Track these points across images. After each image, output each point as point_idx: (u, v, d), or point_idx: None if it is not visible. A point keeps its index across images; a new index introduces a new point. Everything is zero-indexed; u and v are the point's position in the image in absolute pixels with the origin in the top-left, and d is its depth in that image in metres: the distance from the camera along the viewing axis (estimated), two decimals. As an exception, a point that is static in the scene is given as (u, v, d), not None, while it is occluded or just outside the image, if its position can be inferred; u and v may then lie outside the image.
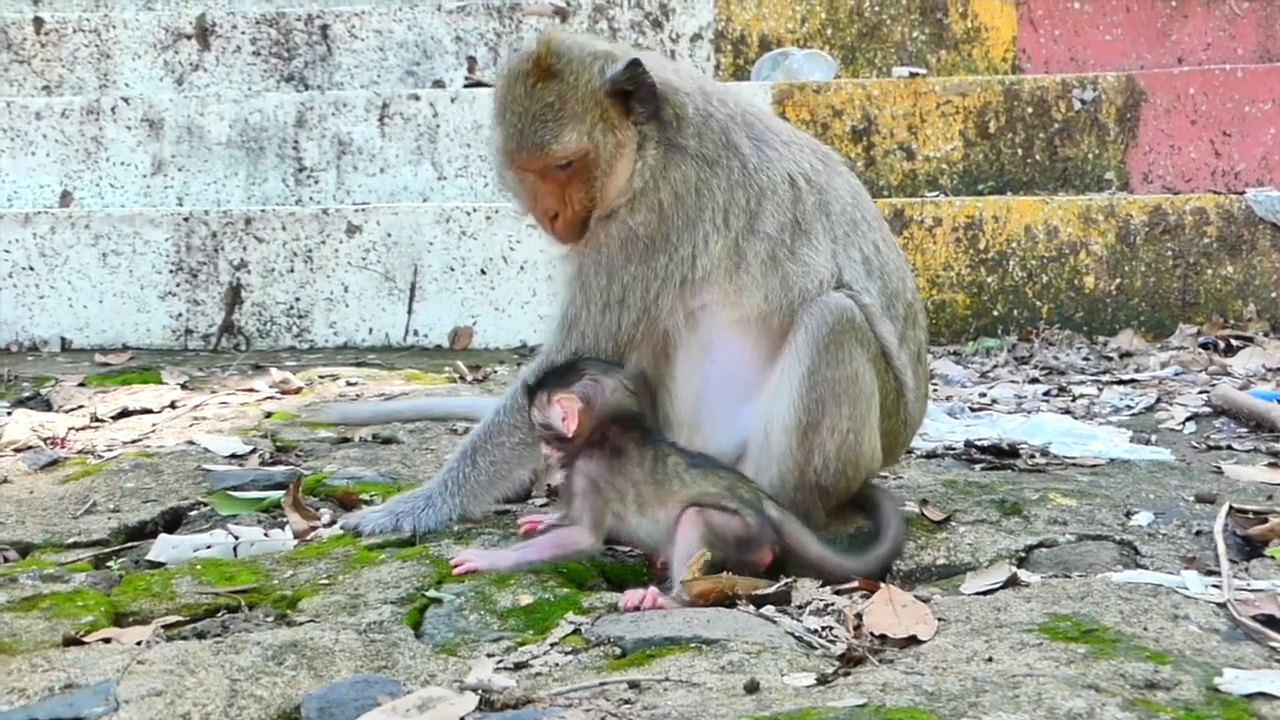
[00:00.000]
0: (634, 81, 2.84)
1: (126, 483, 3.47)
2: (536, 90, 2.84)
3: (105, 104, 6.84)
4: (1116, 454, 3.81)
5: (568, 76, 2.84)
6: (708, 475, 2.72)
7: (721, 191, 2.88)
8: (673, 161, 2.87)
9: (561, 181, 2.87)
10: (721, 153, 2.90)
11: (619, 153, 2.86)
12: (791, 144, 2.98)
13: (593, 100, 2.84)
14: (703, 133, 2.90)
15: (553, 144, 2.83)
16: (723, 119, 2.94)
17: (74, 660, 2.26)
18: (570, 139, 2.83)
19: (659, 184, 2.86)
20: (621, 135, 2.86)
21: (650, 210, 2.87)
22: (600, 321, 2.88)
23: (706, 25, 7.48)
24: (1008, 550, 2.87)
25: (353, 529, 3.00)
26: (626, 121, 2.87)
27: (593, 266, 2.90)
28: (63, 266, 6.03)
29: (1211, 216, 5.76)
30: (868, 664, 2.26)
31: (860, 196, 3.04)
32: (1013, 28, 7.38)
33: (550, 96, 2.83)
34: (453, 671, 2.28)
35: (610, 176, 2.86)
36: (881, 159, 6.59)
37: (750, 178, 2.90)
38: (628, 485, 2.73)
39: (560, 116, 2.83)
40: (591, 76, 2.84)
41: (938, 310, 5.80)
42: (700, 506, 2.67)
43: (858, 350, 2.81)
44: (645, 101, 2.86)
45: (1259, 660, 2.25)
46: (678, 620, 2.43)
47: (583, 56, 2.86)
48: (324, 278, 5.97)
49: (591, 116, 2.83)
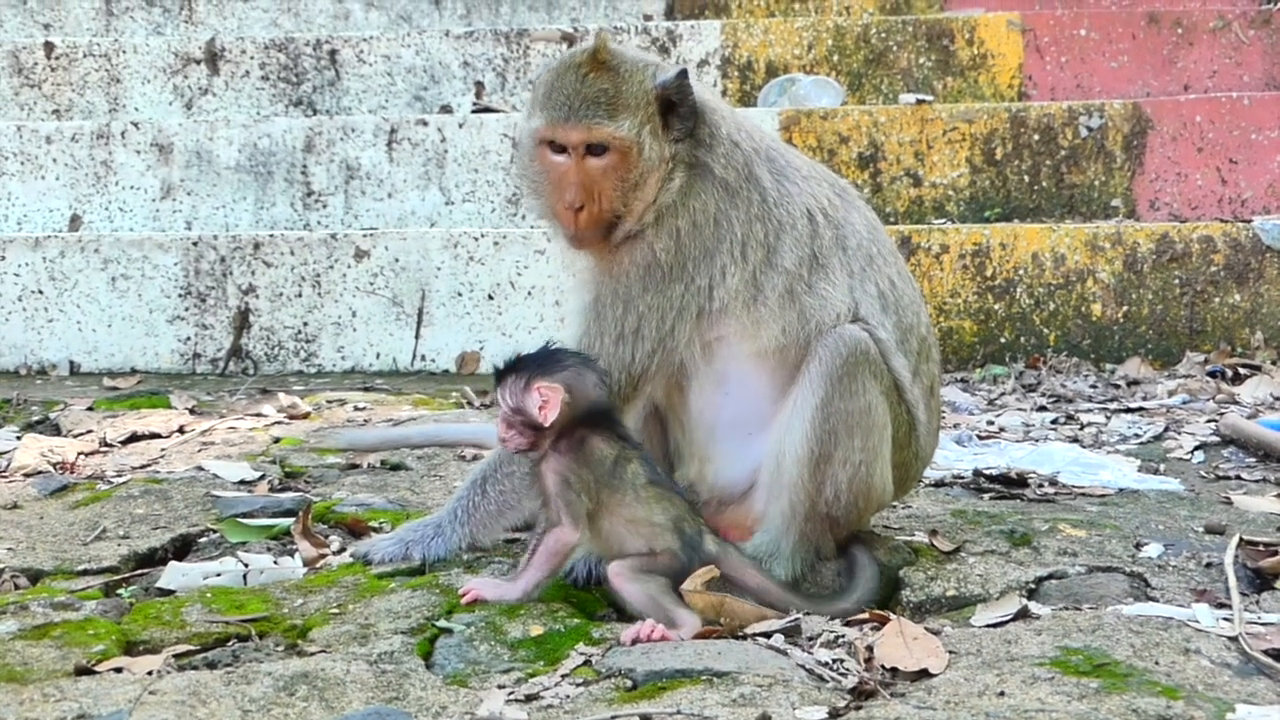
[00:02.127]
0: (680, 93, 2.86)
1: (136, 509, 3.47)
2: (590, 79, 2.85)
3: (115, 128, 6.87)
4: (1125, 484, 3.81)
5: (622, 72, 2.87)
6: (660, 500, 2.71)
7: (740, 224, 2.89)
8: (695, 188, 2.88)
9: (595, 172, 2.85)
10: (743, 184, 2.91)
11: (655, 163, 2.86)
12: (810, 178, 2.99)
13: (644, 99, 2.86)
14: (730, 159, 2.92)
15: (606, 122, 2.83)
16: (748, 150, 2.95)
17: (86, 690, 2.27)
18: (623, 125, 2.83)
19: (679, 210, 2.87)
20: (661, 146, 2.87)
21: (669, 237, 2.87)
22: (614, 353, 2.88)
23: (713, 51, 7.51)
24: (1018, 582, 2.87)
25: (363, 557, 3.00)
26: (666, 135, 2.87)
27: (609, 295, 2.89)
28: (72, 290, 6.04)
29: (1218, 244, 5.77)
30: (879, 697, 2.26)
31: (876, 231, 3.05)
32: (1019, 55, 7.40)
33: (605, 84, 2.85)
34: (464, 703, 2.28)
35: (642, 185, 2.86)
36: (888, 185, 6.60)
37: (769, 211, 2.91)
38: (590, 480, 2.71)
39: (615, 103, 2.84)
40: (645, 78, 2.87)
41: (945, 337, 5.80)
42: (618, 563, 2.69)
43: (871, 382, 2.81)
44: (685, 118, 2.87)
45: (1272, 696, 2.24)
46: (689, 652, 2.43)
47: (635, 59, 2.91)
48: (332, 302, 5.98)
49: (643, 114, 2.85)
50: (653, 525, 2.69)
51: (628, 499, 2.70)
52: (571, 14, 8.41)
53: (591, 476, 2.71)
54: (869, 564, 2.86)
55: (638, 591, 2.66)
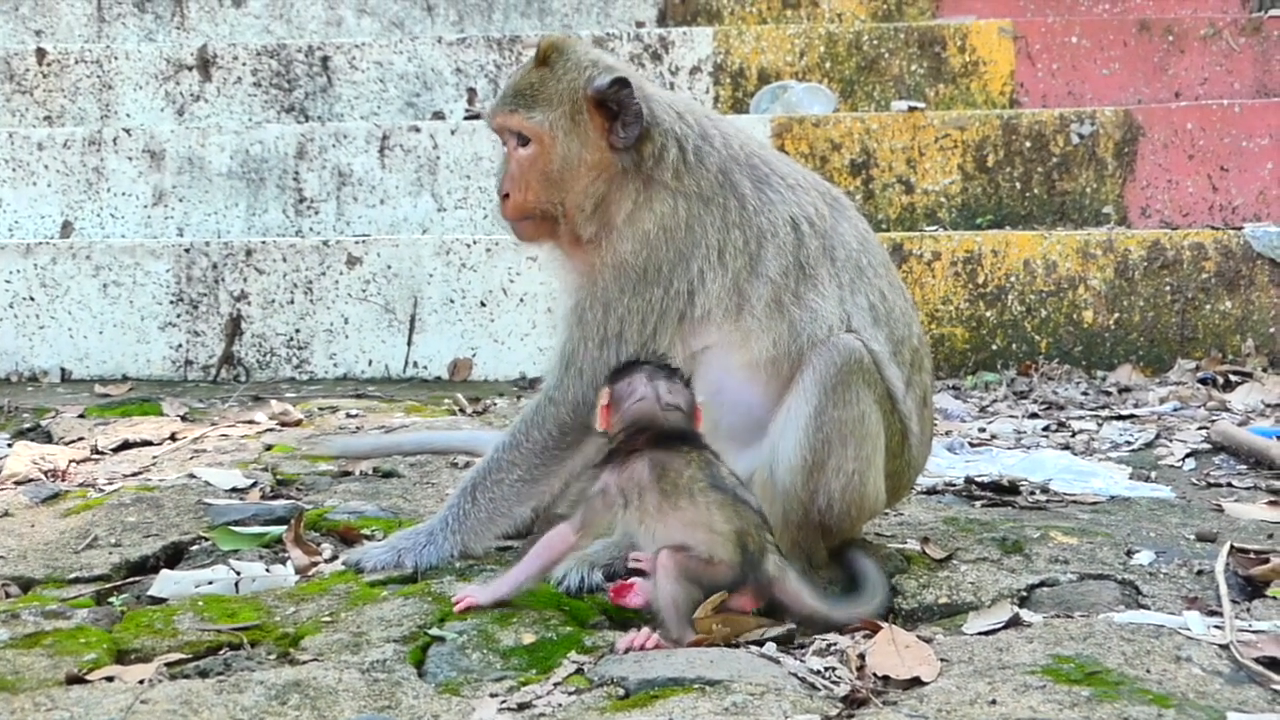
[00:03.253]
0: (617, 101, 2.87)
1: (128, 517, 3.47)
2: (529, 71, 2.97)
3: (107, 135, 6.86)
4: (1117, 491, 3.82)
5: (557, 69, 2.94)
6: (723, 507, 2.59)
7: (715, 230, 2.89)
8: (657, 196, 2.90)
9: (523, 162, 2.94)
10: (717, 191, 2.92)
11: (579, 165, 2.91)
12: (796, 187, 2.99)
13: (569, 97, 2.92)
14: (691, 172, 2.92)
15: (516, 111, 2.93)
16: (722, 159, 2.95)
17: (77, 699, 2.26)
18: (536, 116, 2.92)
19: (643, 215, 2.89)
20: (590, 150, 2.91)
21: (637, 241, 2.89)
22: (598, 357, 2.89)
23: (706, 58, 7.52)
24: (1009, 589, 2.87)
25: (354, 565, 3.00)
26: (602, 141, 2.90)
27: (589, 299, 2.91)
28: (63, 297, 6.03)
29: (1209, 251, 5.78)
30: (871, 705, 2.27)
31: (867, 241, 3.05)
32: (1011, 62, 7.42)
33: (536, 78, 2.95)
34: (456, 712, 2.28)
35: (563, 183, 2.91)
36: (880, 192, 6.61)
37: (749, 219, 2.91)
38: (634, 490, 2.63)
39: (537, 96, 2.93)
40: (577, 76, 2.93)
41: (937, 344, 5.81)
42: (673, 550, 2.57)
43: (865, 391, 2.81)
44: (628, 126, 2.88)
45: (1262, 704, 2.25)
46: (681, 661, 2.43)
47: (580, 59, 2.96)
48: (324, 309, 5.98)
49: (564, 110, 2.91)
50: (712, 532, 2.58)
51: (682, 503, 2.59)
52: (564, 20, 8.42)
53: (635, 487, 2.63)
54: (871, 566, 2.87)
55: (671, 590, 2.56)
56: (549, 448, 2.95)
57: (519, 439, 2.96)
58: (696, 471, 2.62)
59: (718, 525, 2.58)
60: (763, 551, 2.61)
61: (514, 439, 2.98)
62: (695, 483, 2.60)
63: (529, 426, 2.96)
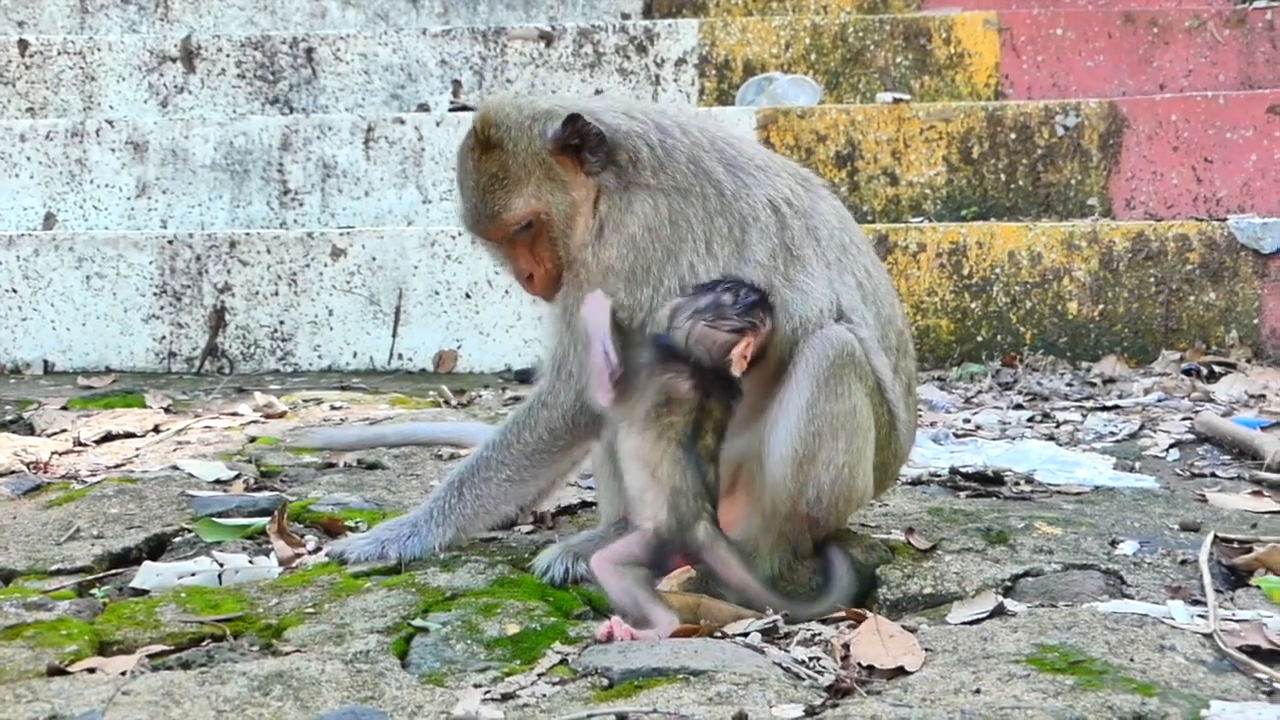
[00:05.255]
0: (578, 135, 2.86)
1: (110, 508, 3.45)
2: (481, 163, 2.89)
3: (90, 126, 6.84)
4: (1101, 481, 3.82)
5: (507, 144, 2.88)
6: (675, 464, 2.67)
7: (699, 220, 2.88)
8: (638, 198, 2.87)
9: (527, 243, 2.91)
10: (693, 181, 2.89)
11: (576, 207, 2.89)
12: (767, 169, 2.97)
13: (536, 162, 2.87)
14: (666, 167, 2.89)
15: (503, 213, 2.88)
16: (688, 148, 2.93)
17: (59, 691, 2.25)
18: (518, 204, 2.87)
19: (626, 219, 2.87)
20: (576, 190, 2.89)
21: (622, 245, 2.87)
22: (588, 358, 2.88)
23: (691, 50, 7.51)
24: (994, 579, 2.87)
25: (338, 556, 2.99)
26: (579, 175, 2.88)
27: (575, 303, 2.89)
28: (46, 289, 6.01)
29: (1194, 243, 5.80)
30: (855, 695, 2.26)
31: (845, 219, 3.04)
32: (995, 54, 7.43)
33: (494, 167, 2.88)
34: (440, 702, 2.27)
35: (572, 230, 2.89)
36: (865, 184, 6.61)
37: (729, 205, 2.89)
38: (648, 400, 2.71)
39: (505, 185, 2.87)
40: (532, 140, 2.88)
41: (922, 336, 5.81)
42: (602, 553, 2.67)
43: (856, 384, 2.80)
44: (595, 151, 2.87)
45: (1245, 692, 2.25)
46: (665, 651, 2.43)
47: (521, 120, 2.89)
48: (308, 301, 5.96)
49: (536, 178, 2.87)
50: (652, 479, 2.67)
51: (648, 435, 2.68)
52: (549, 12, 8.40)
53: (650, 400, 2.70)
54: (844, 566, 2.86)
55: (618, 586, 2.64)
56: (539, 450, 2.95)
57: (509, 439, 2.96)
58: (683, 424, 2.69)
59: (660, 476, 2.67)
60: (696, 517, 2.67)
61: (504, 439, 2.97)
62: (670, 430, 2.69)
63: (520, 428, 2.95)
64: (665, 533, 2.66)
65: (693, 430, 2.70)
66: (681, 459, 2.68)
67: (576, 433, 2.92)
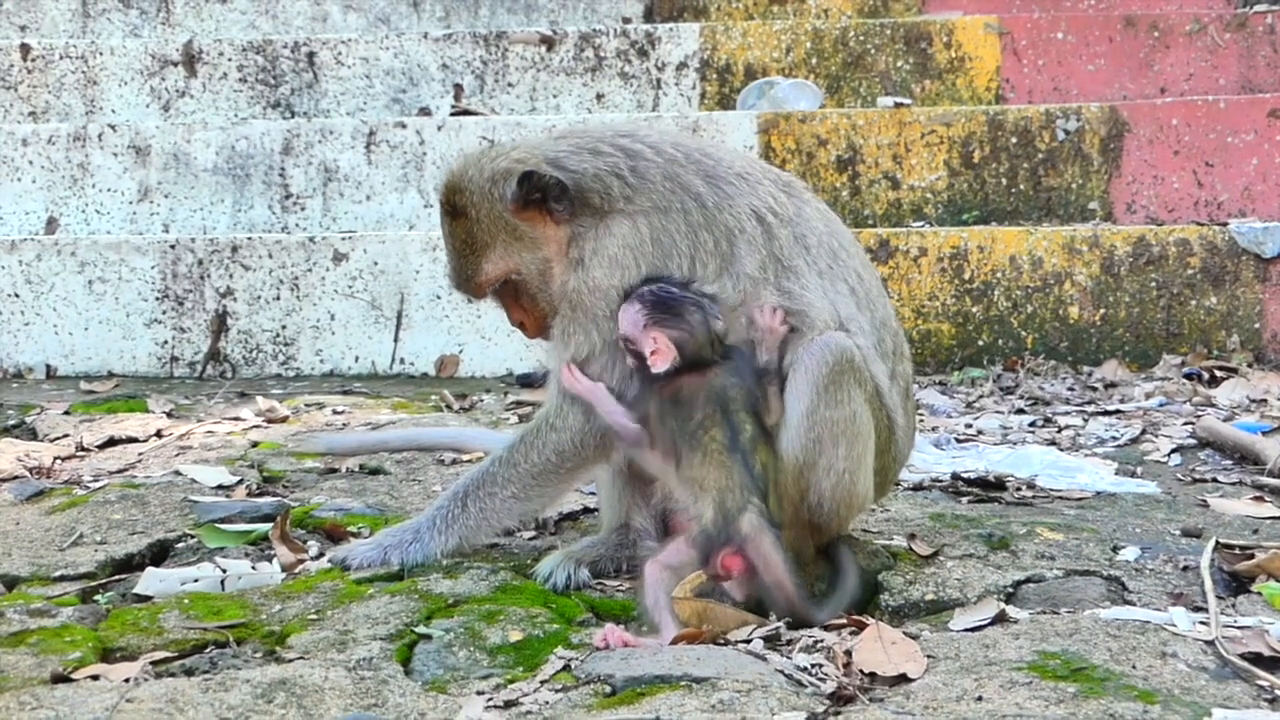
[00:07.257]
0: (538, 189, 2.87)
1: (113, 514, 3.46)
2: (452, 229, 3.01)
3: (92, 130, 6.84)
4: (1103, 487, 3.82)
5: (470, 211, 2.96)
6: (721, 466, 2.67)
7: (683, 236, 2.87)
8: (615, 222, 2.88)
9: (511, 297, 3.02)
10: (671, 198, 2.89)
11: (548, 261, 2.94)
12: (748, 176, 2.95)
13: (499, 226, 2.94)
14: (640, 190, 2.89)
15: (475, 277, 3.00)
16: (662, 165, 2.92)
17: (63, 698, 2.26)
18: (489, 269, 2.98)
19: (605, 242, 2.88)
20: (547, 243, 2.93)
21: (606, 266, 2.87)
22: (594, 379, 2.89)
23: (692, 54, 7.52)
24: (996, 586, 2.88)
25: (341, 562, 3.00)
26: (548, 226, 2.92)
27: (571, 325, 2.92)
28: (48, 293, 6.01)
29: (1195, 247, 5.80)
30: (858, 702, 2.27)
31: (832, 223, 3.03)
32: (996, 58, 7.43)
33: (462, 233, 2.98)
34: (443, 710, 2.28)
35: (549, 280, 2.95)
36: (866, 188, 6.62)
37: (712, 217, 2.88)
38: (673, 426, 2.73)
39: (474, 250, 2.98)
40: (493, 204, 2.94)
41: (923, 340, 5.82)
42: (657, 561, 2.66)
43: (856, 390, 2.80)
44: (560, 199, 2.89)
45: (1247, 699, 2.25)
46: (668, 658, 2.43)
47: (482, 184, 2.95)
48: (310, 305, 5.96)
49: (502, 240, 2.95)
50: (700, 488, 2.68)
51: (696, 460, 2.69)
52: (550, 16, 8.41)
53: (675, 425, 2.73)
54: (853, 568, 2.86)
55: (652, 594, 2.63)
56: (545, 472, 2.95)
57: (516, 458, 2.96)
58: (721, 431, 2.70)
59: (707, 482, 2.67)
60: (741, 509, 2.65)
61: (511, 457, 2.97)
62: (713, 445, 2.69)
63: (527, 449, 2.96)
64: (711, 528, 2.65)
65: (731, 431, 2.71)
66: (726, 460, 2.68)
67: (585, 454, 2.93)
